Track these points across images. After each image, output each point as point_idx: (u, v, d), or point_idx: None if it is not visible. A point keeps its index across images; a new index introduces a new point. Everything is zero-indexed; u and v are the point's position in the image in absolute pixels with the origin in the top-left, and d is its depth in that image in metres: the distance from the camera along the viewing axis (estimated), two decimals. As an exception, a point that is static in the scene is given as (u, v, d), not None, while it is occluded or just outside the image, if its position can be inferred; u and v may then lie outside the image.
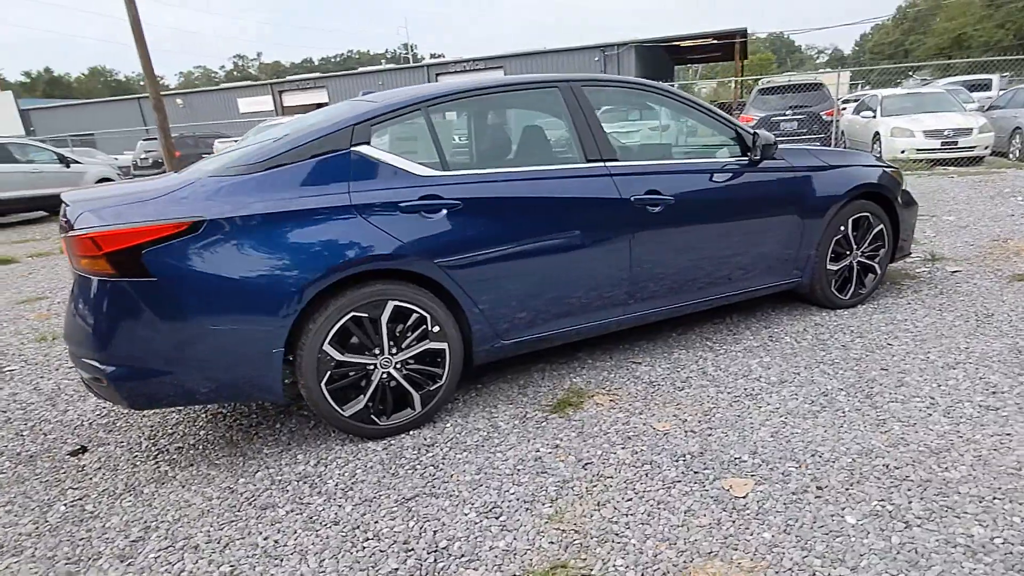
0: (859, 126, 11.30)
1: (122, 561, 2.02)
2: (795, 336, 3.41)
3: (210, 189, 2.36)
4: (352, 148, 2.55)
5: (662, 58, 31.51)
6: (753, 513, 2.01)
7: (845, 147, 12.40)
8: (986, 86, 15.51)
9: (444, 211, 2.59)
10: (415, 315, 2.59)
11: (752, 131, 3.25)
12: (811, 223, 3.44)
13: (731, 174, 3.23)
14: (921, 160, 9.63)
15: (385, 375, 2.59)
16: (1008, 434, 2.32)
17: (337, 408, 2.53)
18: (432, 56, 79.41)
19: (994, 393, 2.63)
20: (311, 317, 2.43)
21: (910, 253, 4.07)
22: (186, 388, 2.36)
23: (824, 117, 10.06)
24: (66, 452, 2.79)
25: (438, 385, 2.70)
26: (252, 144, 2.73)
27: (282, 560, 1.96)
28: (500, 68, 28.67)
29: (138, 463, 2.65)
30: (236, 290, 2.31)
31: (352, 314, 2.47)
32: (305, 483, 2.38)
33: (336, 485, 2.34)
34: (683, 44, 27.07)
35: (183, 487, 2.43)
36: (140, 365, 2.29)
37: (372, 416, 2.60)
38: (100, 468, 2.64)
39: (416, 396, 2.67)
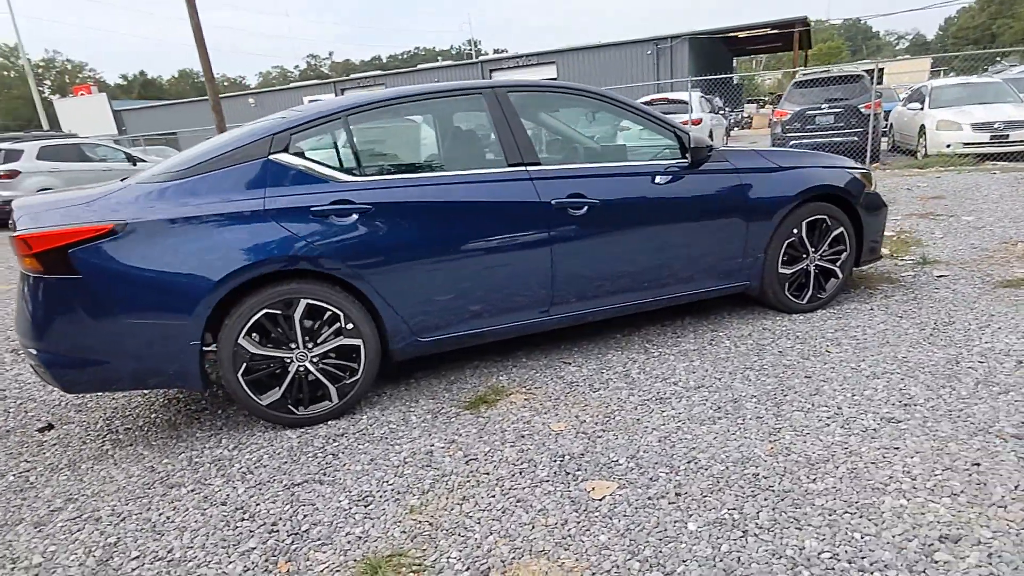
0: (907, 119, 10.70)
1: (35, 527, 2.27)
2: (736, 340, 3.36)
3: (134, 195, 2.58)
4: (270, 156, 2.71)
5: (719, 50, 30.58)
6: (601, 515, 2.05)
7: (893, 142, 11.79)
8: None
9: (355, 215, 2.73)
10: (329, 312, 2.74)
11: (687, 133, 3.22)
12: (757, 226, 3.37)
13: (665, 176, 3.22)
14: (967, 155, 9.04)
15: (301, 368, 2.76)
16: (896, 448, 2.25)
17: (254, 397, 2.71)
18: (495, 52, 80.00)
19: (905, 405, 2.54)
20: (228, 313, 2.62)
21: (881, 257, 3.91)
22: (114, 376, 2.60)
23: (863, 110, 9.56)
24: (35, 429, 3.11)
25: (355, 379, 2.85)
26: (186, 152, 2.95)
27: (163, 535, 2.15)
28: (552, 63, 28.59)
29: (87, 441, 2.92)
30: (154, 288, 2.51)
31: (266, 311, 2.64)
32: (215, 465, 2.57)
33: (239, 469, 2.53)
34: (740, 35, 26.18)
35: (115, 464, 2.68)
36: (70, 353, 2.54)
37: (289, 406, 2.77)
38: (56, 444, 2.93)
39: (333, 389, 2.82)
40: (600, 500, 2.12)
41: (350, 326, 2.77)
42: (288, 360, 2.73)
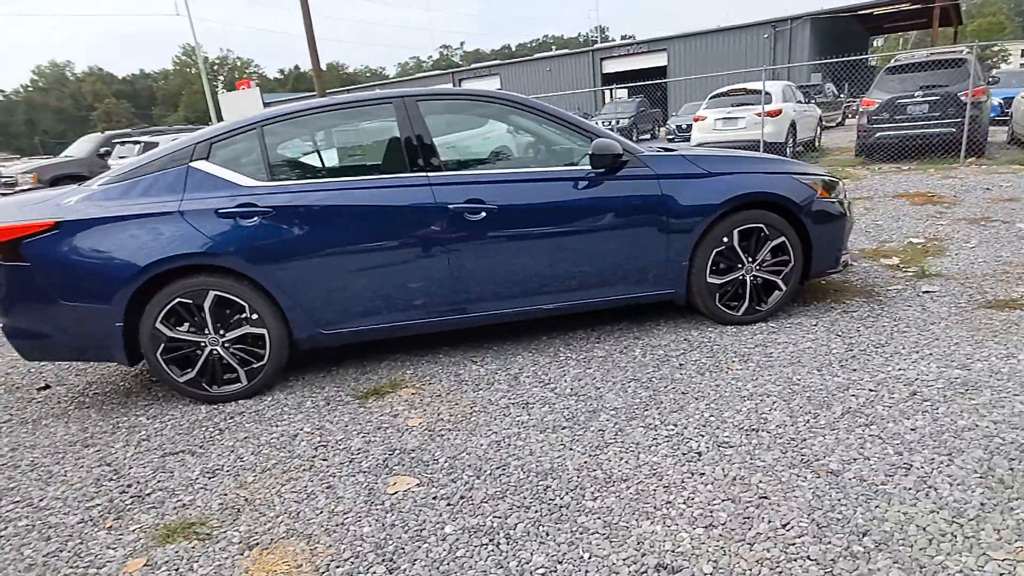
0: (1022, 108, 9.33)
1: (-25, 469, 2.79)
2: (647, 350, 3.28)
3: (77, 197, 3.03)
4: (190, 164, 3.06)
5: (850, 29, 27.92)
6: (382, 509, 2.17)
7: (1012, 133, 10.36)
8: None
9: (257, 217, 3.01)
10: (236, 304, 3.05)
11: (594, 139, 3.18)
12: (678, 234, 3.26)
13: (576, 183, 3.20)
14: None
15: (214, 351, 3.10)
16: (701, 474, 2.17)
17: (172, 374, 3.10)
18: (623, 37, 78.83)
19: (752, 431, 2.40)
20: (148, 299, 3.01)
21: (841, 268, 3.60)
22: (57, 348, 3.09)
23: (962, 99, 8.44)
24: (36, 388, 3.73)
25: (261, 364, 3.15)
26: (133, 159, 3.37)
27: (48, 486, 2.56)
28: (664, 50, 27.71)
29: (62, 401, 3.47)
30: (84, 276, 2.95)
31: (178, 300, 3.01)
32: (128, 431, 2.98)
33: (142, 435, 2.91)
34: (875, 12, 23.79)
35: (65, 423, 3.17)
36: (24, 327, 3.05)
37: (203, 384, 3.13)
38: (40, 402, 3.50)
39: (242, 372, 3.14)
40: (392, 494, 2.25)
41: (255, 316, 3.07)
42: (202, 344, 3.09)
